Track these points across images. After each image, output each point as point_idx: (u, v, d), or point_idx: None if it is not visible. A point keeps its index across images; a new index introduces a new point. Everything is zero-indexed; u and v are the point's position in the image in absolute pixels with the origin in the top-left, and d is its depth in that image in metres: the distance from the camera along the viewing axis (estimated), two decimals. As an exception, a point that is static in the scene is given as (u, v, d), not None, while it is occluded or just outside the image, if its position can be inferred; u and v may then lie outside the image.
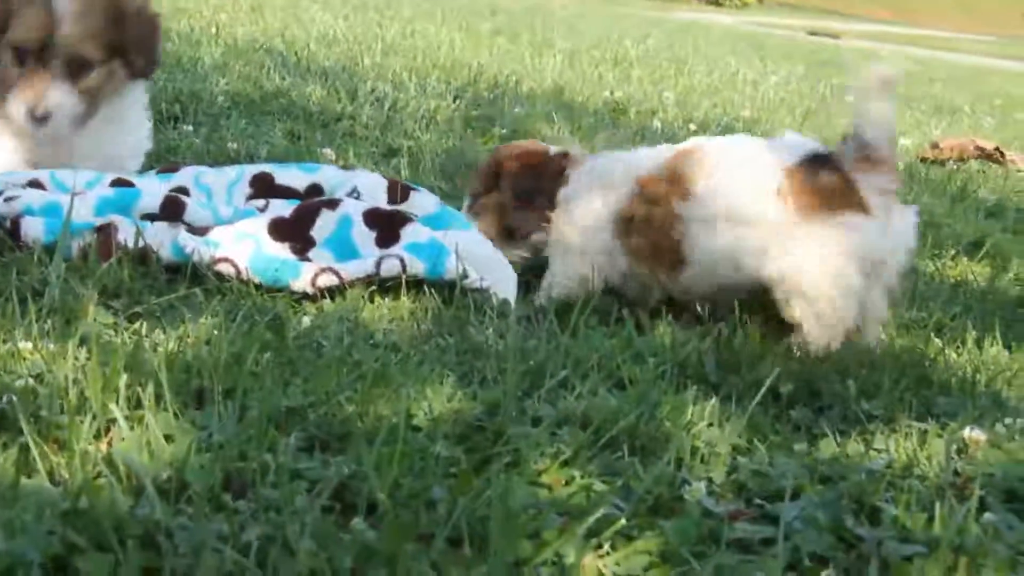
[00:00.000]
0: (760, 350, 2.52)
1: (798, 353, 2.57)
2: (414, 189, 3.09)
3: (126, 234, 2.65)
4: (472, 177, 3.10)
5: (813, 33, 25.15)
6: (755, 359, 2.46)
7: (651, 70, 9.42)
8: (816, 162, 2.65)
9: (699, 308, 2.78)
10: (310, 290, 2.62)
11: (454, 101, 5.66)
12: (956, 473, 2.04)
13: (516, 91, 6.57)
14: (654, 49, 12.22)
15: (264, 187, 3.07)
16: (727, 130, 6.06)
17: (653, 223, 2.76)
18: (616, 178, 2.85)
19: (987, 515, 1.84)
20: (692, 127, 6.05)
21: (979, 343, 2.84)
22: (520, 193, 2.95)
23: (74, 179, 2.87)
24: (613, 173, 2.87)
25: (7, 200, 2.73)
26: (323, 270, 2.64)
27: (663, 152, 2.86)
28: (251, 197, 3.03)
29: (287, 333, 2.30)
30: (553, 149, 3.02)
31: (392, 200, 3.02)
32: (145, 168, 3.27)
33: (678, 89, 8.13)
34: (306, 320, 2.43)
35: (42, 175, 2.91)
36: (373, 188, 3.06)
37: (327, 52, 7.01)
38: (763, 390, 2.19)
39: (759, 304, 2.72)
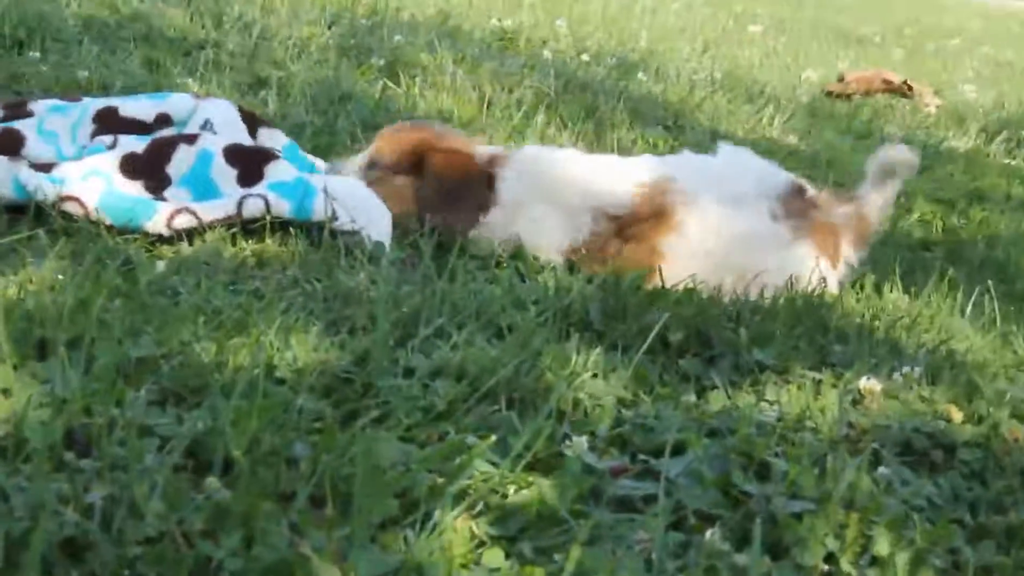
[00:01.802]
0: (648, 297, 2.54)
1: None
2: (264, 123, 3.05)
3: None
4: (382, 143, 3.04)
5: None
6: (643, 306, 2.48)
7: (543, -4, 9.41)
8: None
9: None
10: (166, 232, 2.59)
11: (328, 28, 5.60)
12: (850, 425, 2.08)
13: (396, 18, 6.52)
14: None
15: (109, 121, 3.01)
16: (621, 62, 6.09)
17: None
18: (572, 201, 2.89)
19: (880, 469, 1.89)
20: (584, 58, 6.06)
21: (878, 288, 2.90)
22: (448, 193, 2.93)
23: None
24: (564, 193, 2.90)
25: None
26: (180, 210, 2.61)
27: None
28: (96, 133, 2.97)
29: (140, 278, 2.27)
30: (481, 152, 3.02)
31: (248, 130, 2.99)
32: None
33: (572, 17, 8.13)
34: (161, 265, 2.40)
35: None
36: (228, 120, 3.02)
37: (190, -28, 6.89)
38: (650, 338, 2.21)
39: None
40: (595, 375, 2.13)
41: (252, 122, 3.05)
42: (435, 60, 5.15)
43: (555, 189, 2.91)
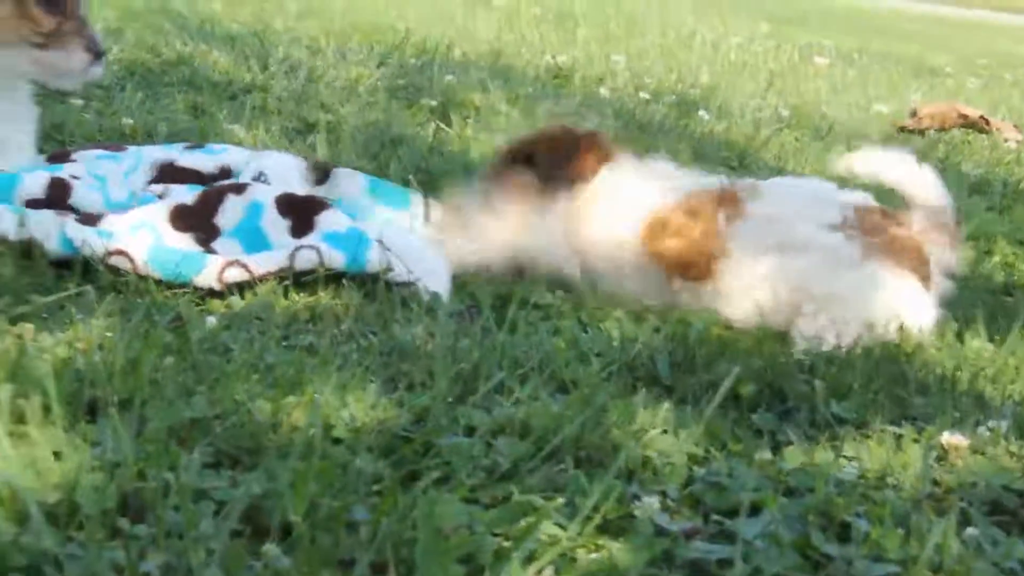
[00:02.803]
0: (718, 347, 2.55)
1: None
2: (336, 166, 3.08)
3: (6, 223, 2.63)
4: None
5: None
6: (711, 357, 2.49)
7: (598, 29, 9.45)
8: None
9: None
10: (216, 286, 2.62)
11: (377, 68, 5.65)
12: (934, 483, 2.07)
13: (447, 57, 6.57)
14: (601, 5, 12.25)
15: (167, 171, 3.06)
16: (683, 100, 6.10)
17: None
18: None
19: (969, 530, 1.87)
20: (643, 96, 6.08)
21: (960, 336, 2.88)
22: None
23: None
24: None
25: None
26: (230, 263, 2.64)
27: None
28: (151, 182, 3.02)
29: (190, 335, 2.29)
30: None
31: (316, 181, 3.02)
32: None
33: (629, 52, 8.16)
34: (212, 320, 2.43)
35: None
36: (284, 170, 3.06)
37: (234, 13, 6.98)
38: (721, 392, 2.21)
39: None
40: (664, 431, 2.13)
41: (323, 169, 3.08)
42: (488, 100, 5.19)
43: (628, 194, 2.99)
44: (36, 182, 2.79)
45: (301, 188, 2.99)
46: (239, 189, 2.84)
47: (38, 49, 3.02)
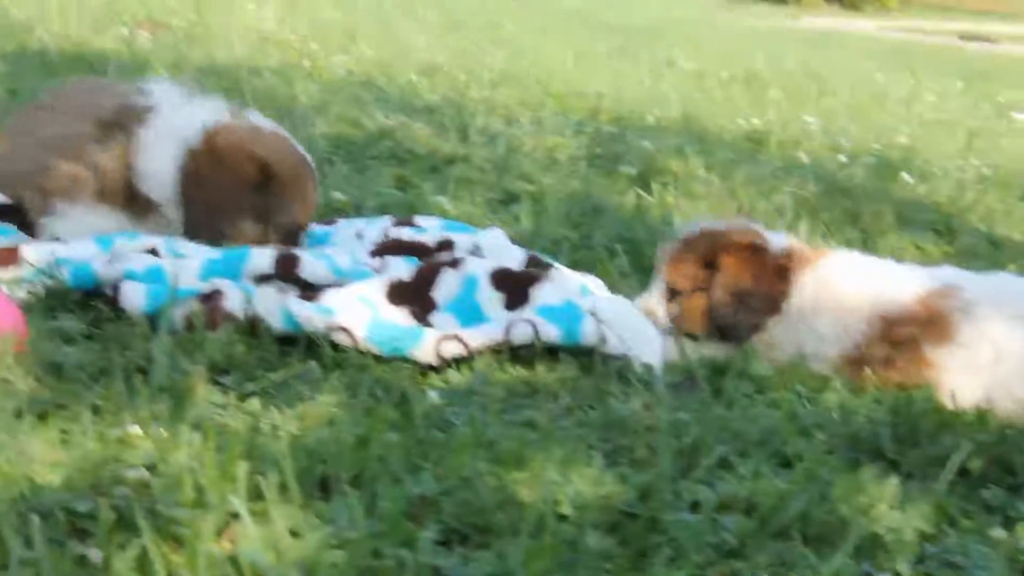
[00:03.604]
0: (940, 420, 2.50)
1: None
2: (551, 266, 3.09)
3: (234, 302, 2.71)
4: (670, 267, 3.06)
5: (966, 38, 24.88)
6: (935, 430, 2.44)
7: (789, 90, 9.40)
8: None
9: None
10: (434, 360, 2.66)
11: (574, 137, 5.69)
12: None
13: (641, 122, 6.59)
14: (789, 64, 12.19)
15: (385, 245, 3.12)
16: (881, 161, 6.02)
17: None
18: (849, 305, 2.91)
19: None
20: (841, 158, 6.01)
21: None
22: (738, 295, 2.96)
23: (190, 248, 2.98)
24: (846, 299, 2.92)
25: (110, 263, 2.81)
26: (447, 337, 2.68)
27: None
28: (373, 254, 3.08)
29: (414, 411, 2.32)
30: (774, 242, 3.04)
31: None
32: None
33: (820, 111, 8.10)
34: (433, 395, 2.46)
35: (157, 241, 3.00)
36: (498, 245, 3.10)
37: (431, 84, 7.10)
38: (951, 467, 2.17)
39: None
40: (892, 507, 2.10)
41: (541, 265, 3.11)
42: (686, 166, 5.18)
43: (839, 296, 2.91)
44: (264, 257, 2.87)
45: (515, 262, 3.02)
46: (455, 263, 2.89)
47: None
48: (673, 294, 3.02)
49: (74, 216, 3.14)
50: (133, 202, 3.15)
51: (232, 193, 3.10)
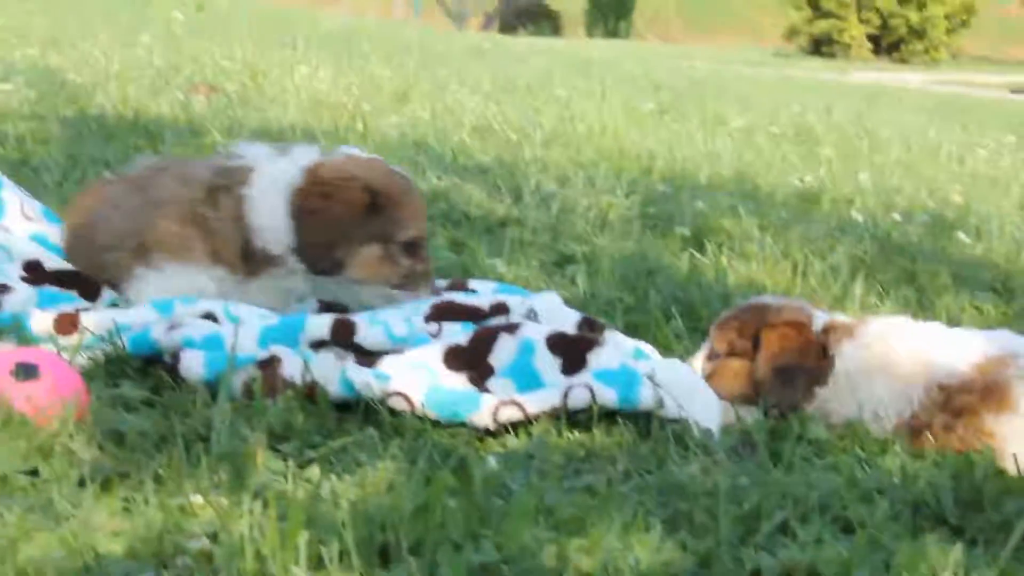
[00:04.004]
0: (1004, 484, 2.48)
1: None
2: (604, 327, 3.10)
3: (292, 368, 2.73)
4: (718, 333, 3.08)
5: (1016, 91, 24.79)
6: (1000, 495, 2.42)
7: (840, 146, 9.38)
8: None
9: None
10: (491, 425, 2.66)
11: (627, 197, 5.69)
12: None
13: (693, 180, 6.60)
14: (838, 118, 12.17)
15: (441, 309, 3.13)
16: (935, 219, 6.00)
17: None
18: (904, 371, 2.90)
19: None
20: (895, 217, 5.99)
21: None
22: (781, 371, 2.96)
23: (247, 312, 3.01)
24: (900, 365, 2.91)
25: (169, 330, 2.83)
26: (504, 403, 2.68)
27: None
28: (428, 319, 3.08)
29: (473, 477, 2.32)
30: (818, 320, 3.04)
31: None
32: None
33: (873, 167, 8.08)
34: (492, 461, 2.46)
35: (215, 306, 3.02)
36: (553, 308, 3.11)
37: (483, 145, 7.12)
38: (1017, 533, 2.15)
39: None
40: (955, 574, 2.08)
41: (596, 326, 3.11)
42: (740, 226, 5.17)
43: (891, 361, 2.89)
44: (320, 323, 2.88)
45: (570, 326, 3.02)
46: (511, 328, 2.89)
47: (392, 288, 3.20)
48: (714, 358, 3.04)
49: (184, 275, 3.14)
50: (248, 260, 3.16)
51: (345, 221, 3.11)
